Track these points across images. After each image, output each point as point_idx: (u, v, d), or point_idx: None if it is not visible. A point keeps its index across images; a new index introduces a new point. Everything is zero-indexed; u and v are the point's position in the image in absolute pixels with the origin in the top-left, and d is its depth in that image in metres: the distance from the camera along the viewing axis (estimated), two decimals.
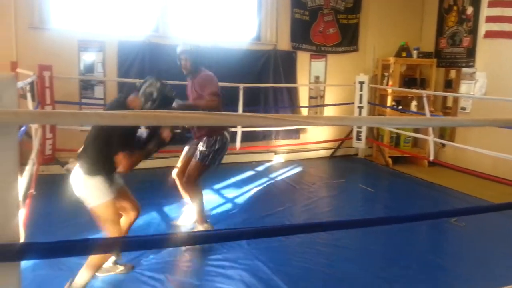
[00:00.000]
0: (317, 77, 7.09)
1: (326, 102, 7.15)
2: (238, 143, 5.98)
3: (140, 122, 1.18)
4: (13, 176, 1.11)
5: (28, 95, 3.98)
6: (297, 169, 6.31)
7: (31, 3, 5.24)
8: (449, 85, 6.96)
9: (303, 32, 6.82)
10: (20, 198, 1.30)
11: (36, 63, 4.89)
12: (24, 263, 1.31)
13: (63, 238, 1.33)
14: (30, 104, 4.00)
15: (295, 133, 6.91)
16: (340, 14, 7.05)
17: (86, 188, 2.59)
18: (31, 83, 4.19)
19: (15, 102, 1.05)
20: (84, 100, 5.68)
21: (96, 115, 1.02)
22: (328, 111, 7.18)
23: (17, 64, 4.96)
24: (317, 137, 6.98)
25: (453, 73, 6.91)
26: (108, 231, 2.63)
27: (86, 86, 5.72)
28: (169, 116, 1.02)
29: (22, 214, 3.19)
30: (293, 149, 6.91)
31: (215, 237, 1.93)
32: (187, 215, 3.83)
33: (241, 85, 5.93)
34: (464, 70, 6.61)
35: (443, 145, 6.72)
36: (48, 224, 3.65)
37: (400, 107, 6.94)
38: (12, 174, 1.11)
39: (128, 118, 1.02)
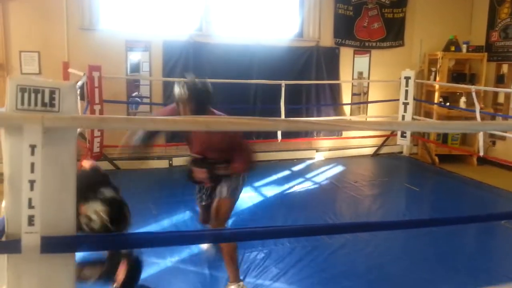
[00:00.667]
0: (360, 73, 6.97)
1: (370, 99, 7.01)
2: (279, 135, 6.00)
3: (190, 127, 1.21)
4: (71, 174, 1.20)
5: (79, 95, 4.15)
6: (339, 167, 6.24)
7: (81, 5, 5.45)
8: (501, 80, 6.65)
9: (346, 28, 6.72)
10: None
11: (86, 63, 5.08)
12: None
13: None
14: (78, 105, 4.17)
15: (337, 131, 6.82)
16: (385, 8, 6.88)
17: None
18: (82, 84, 4.37)
19: (74, 108, 1.12)
20: (131, 99, 5.87)
21: (150, 121, 1.07)
22: (372, 108, 7.05)
23: (68, 64, 5.19)
24: (360, 134, 6.86)
25: (505, 68, 6.60)
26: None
27: (133, 85, 5.90)
28: (219, 121, 1.05)
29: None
30: (335, 147, 6.83)
31: (257, 234, 1.95)
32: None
33: (283, 82, 5.92)
34: None
35: (494, 143, 6.44)
36: None
37: (448, 104, 6.70)
38: (70, 172, 1.19)
39: (179, 123, 1.05)
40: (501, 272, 3.21)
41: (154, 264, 3.12)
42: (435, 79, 6.71)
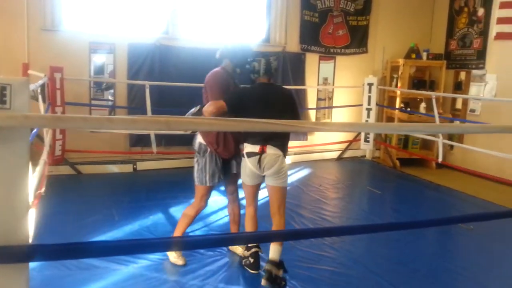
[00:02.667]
0: (325, 79, 7.09)
1: (334, 104, 7.15)
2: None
3: (150, 127, 1.20)
4: (24, 179, 1.14)
5: (39, 97, 4.03)
6: (305, 171, 6.31)
7: (43, 6, 5.30)
8: (459, 87, 6.92)
9: (312, 34, 6.83)
10: (30, 198, 1.32)
11: (48, 65, 4.94)
12: (32, 263, 1.33)
13: (71, 238, 1.36)
14: (41, 106, 4.05)
15: (303, 135, 6.91)
16: (349, 16, 7.04)
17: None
18: (42, 85, 4.24)
19: (26, 105, 1.08)
20: (94, 102, 5.74)
21: (107, 120, 1.04)
22: (337, 113, 7.18)
23: (28, 66, 5.03)
24: (325, 139, 6.98)
25: (462, 75, 6.87)
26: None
27: (96, 87, 5.77)
28: (180, 121, 1.04)
29: (31, 214, 3.24)
30: (301, 151, 6.91)
31: (218, 241, 1.95)
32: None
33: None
34: (474, 72, 6.57)
35: (452, 147, 6.69)
36: (56, 224, 3.70)
37: (408, 109, 6.91)
38: (22, 176, 1.13)
39: (138, 123, 1.04)
40: (460, 272, 3.32)
41: (116, 271, 3.05)
42: (396, 86, 6.91)
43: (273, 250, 2.95)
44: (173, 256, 3.23)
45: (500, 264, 3.57)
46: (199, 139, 3.17)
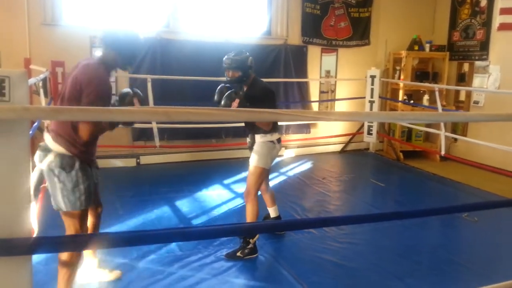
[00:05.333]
0: (327, 72, 7.06)
1: (337, 97, 7.11)
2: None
3: (149, 118, 1.19)
4: (25, 171, 1.13)
5: (41, 91, 4.03)
6: (308, 164, 6.30)
7: (44, 0, 5.29)
8: (462, 78, 6.88)
9: (314, 26, 6.79)
10: (32, 192, 1.32)
11: (49, 59, 4.94)
12: (37, 257, 1.33)
13: None
14: (43, 100, 4.05)
15: (306, 128, 6.89)
16: (351, 7, 6.99)
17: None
18: (44, 79, 4.24)
19: (26, 98, 1.07)
20: None
21: (107, 111, 1.03)
22: (339, 106, 7.16)
23: (30, 61, 5.02)
24: (328, 132, 6.96)
25: (466, 67, 6.83)
26: None
27: None
28: (181, 112, 1.03)
29: (34, 208, 3.24)
30: (304, 144, 6.89)
31: (225, 231, 1.94)
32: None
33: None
34: (477, 63, 6.52)
35: (455, 139, 6.66)
36: (59, 218, 3.70)
37: (411, 101, 6.87)
38: (23, 169, 1.13)
39: (137, 114, 1.03)
40: (463, 264, 3.31)
41: (120, 264, 3.06)
42: (399, 78, 6.88)
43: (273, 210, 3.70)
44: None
45: (505, 256, 3.56)
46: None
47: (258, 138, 3.37)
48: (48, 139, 2.34)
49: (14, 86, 1.02)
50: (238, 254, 3.25)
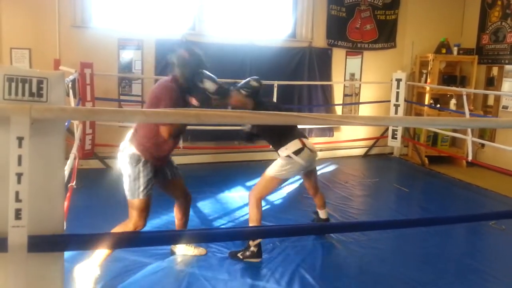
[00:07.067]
0: (352, 74, 7.00)
1: (361, 100, 7.05)
2: None
3: (182, 120, 1.20)
4: (59, 170, 1.17)
5: (70, 92, 4.12)
6: (331, 167, 6.26)
7: (74, 3, 5.42)
8: (491, 83, 6.72)
9: (339, 29, 6.75)
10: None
11: (78, 61, 5.05)
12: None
13: (100, 230, 1.39)
14: (72, 101, 4.15)
15: (329, 131, 6.85)
16: (377, 10, 6.93)
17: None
18: (73, 80, 4.34)
19: (62, 99, 1.10)
20: (122, 97, 5.84)
21: (141, 113, 1.05)
22: (363, 109, 7.08)
23: (59, 62, 5.16)
24: (351, 135, 6.90)
25: (495, 71, 6.67)
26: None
27: (125, 83, 5.87)
28: (211, 114, 1.04)
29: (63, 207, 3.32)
30: (327, 147, 6.85)
31: (246, 234, 1.95)
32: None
33: (275, 83, 5.93)
34: (507, 67, 6.37)
35: (483, 145, 6.50)
36: (88, 217, 3.79)
37: (438, 106, 6.75)
38: (58, 167, 1.16)
39: (171, 116, 1.05)
40: (489, 273, 3.23)
41: (144, 263, 3.10)
42: (426, 81, 6.76)
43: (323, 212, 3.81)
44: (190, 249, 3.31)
45: None
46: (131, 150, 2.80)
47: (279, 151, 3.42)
48: (127, 138, 2.81)
49: (52, 87, 1.06)
50: (239, 254, 3.26)
